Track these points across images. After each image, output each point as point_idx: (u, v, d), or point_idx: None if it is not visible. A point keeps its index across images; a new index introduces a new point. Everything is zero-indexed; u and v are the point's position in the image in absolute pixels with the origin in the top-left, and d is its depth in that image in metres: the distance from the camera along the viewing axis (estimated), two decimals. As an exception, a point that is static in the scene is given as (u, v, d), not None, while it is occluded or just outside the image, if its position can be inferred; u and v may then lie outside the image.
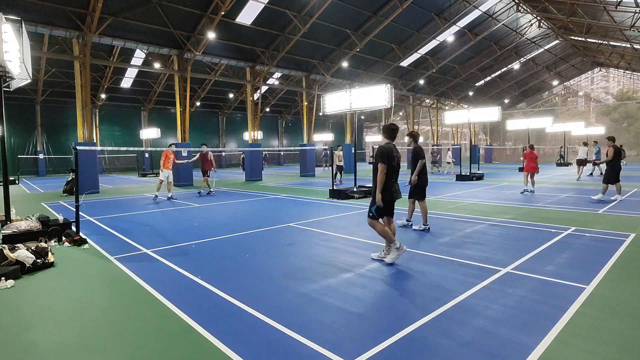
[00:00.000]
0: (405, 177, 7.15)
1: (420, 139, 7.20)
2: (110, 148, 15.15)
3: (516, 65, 31.65)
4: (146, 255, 5.37)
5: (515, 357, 2.61)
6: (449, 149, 24.82)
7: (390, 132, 4.78)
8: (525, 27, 25.59)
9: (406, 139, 7.20)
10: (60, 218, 6.74)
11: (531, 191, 11.64)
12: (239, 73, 23.54)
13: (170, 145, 12.19)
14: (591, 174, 18.58)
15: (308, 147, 21.17)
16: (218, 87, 30.07)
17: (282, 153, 40.30)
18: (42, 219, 6.43)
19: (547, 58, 33.16)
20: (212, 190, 13.43)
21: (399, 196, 4.76)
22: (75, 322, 3.31)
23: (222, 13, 15.21)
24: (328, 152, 29.94)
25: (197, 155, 13.45)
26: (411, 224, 7.04)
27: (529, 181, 11.71)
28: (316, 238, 6.24)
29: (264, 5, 16.54)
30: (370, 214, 4.71)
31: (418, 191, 6.87)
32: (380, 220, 4.76)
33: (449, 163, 22.55)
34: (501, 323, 3.10)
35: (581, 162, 17.17)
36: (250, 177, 19.28)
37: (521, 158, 12.51)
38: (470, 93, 34.33)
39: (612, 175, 9.74)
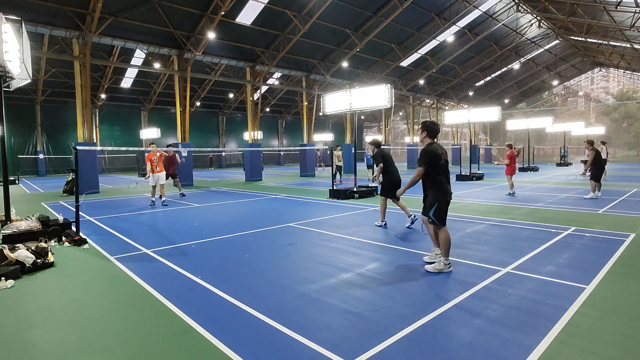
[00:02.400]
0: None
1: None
2: (110, 148, 15.15)
3: (516, 65, 31.65)
4: (146, 255, 5.37)
5: (515, 357, 2.61)
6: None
7: (432, 130, 4.51)
8: (525, 27, 25.59)
9: (368, 146, 7.57)
10: (60, 218, 6.74)
11: (512, 193, 11.31)
12: (239, 73, 23.54)
13: (151, 144, 10.88)
14: (583, 173, 18.63)
15: (308, 147, 21.18)
16: (218, 87, 30.07)
17: (282, 153, 40.30)
18: (42, 219, 6.43)
19: (547, 58, 33.15)
20: (181, 192, 12.77)
21: (450, 198, 4.47)
22: (75, 322, 3.31)
23: (222, 13, 15.21)
24: (319, 152, 30.44)
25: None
26: (385, 224, 7.03)
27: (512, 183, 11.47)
28: (316, 238, 6.24)
29: (264, 5, 16.54)
30: (431, 221, 4.43)
31: (389, 190, 6.82)
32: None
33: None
34: (501, 323, 3.10)
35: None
36: (250, 177, 19.29)
37: (506, 161, 11.55)
38: (470, 93, 34.33)
39: (598, 174, 10.43)
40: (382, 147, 7.38)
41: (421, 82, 28.76)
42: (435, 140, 4.54)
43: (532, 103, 46.62)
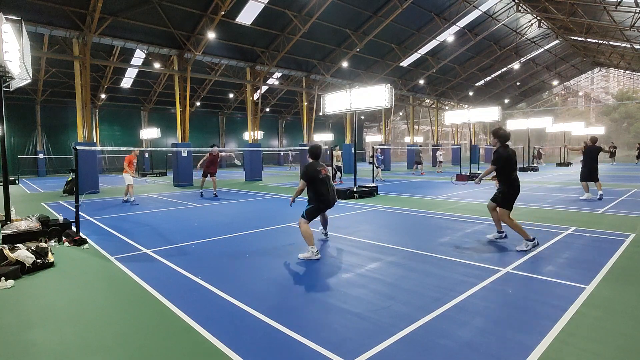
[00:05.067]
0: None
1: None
2: (110, 148, 15.14)
3: (516, 65, 31.66)
4: (146, 255, 5.37)
5: (515, 357, 2.61)
6: (439, 148, 25.54)
7: (313, 154, 5.46)
8: (525, 27, 25.60)
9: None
10: (60, 218, 6.74)
11: None
12: (239, 73, 23.54)
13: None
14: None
15: (308, 147, 21.15)
16: (218, 87, 30.07)
17: (282, 153, 40.30)
18: (42, 219, 6.43)
19: (547, 58, 33.16)
20: (202, 191, 12.96)
21: (329, 205, 5.38)
22: (75, 322, 3.31)
23: (222, 13, 15.21)
24: (287, 153, 32.22)
25: (207, 156, 12.54)
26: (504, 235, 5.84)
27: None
28: (316, 238, 6.23)
29: (264, 5, 16.54)
30: (302, 214, 5.27)
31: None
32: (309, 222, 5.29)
33: (440, 162, 23.86)
34: (501, 323, 3.10)
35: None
36: (250, 177, 19.28)
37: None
38: (470, 93, 34.33)
39: (584, 173, 10.03)
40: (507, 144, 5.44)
41: (421, 82, 28.76)
42: (316, 159, 5.40)
43: (532, 103, 46.62)
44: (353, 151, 13.09)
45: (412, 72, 27.67)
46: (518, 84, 37.34)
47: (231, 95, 32.63)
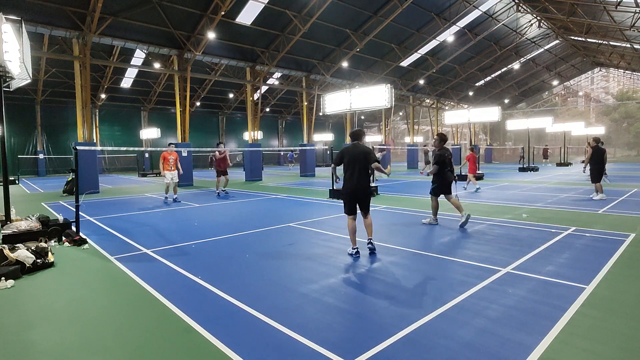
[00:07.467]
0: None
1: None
2: (110, 148, 15.16)
3: (516, 65, 31.64)
4: (146, 255, 5.37)
5: (515, 357, 2.61)
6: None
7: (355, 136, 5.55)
8: (525, 27, 25.59)
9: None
10: (60, 218, 6.74)
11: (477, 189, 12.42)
12: (239, 73, 23.54)
13: (169, 145, 11.43)
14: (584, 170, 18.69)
15: (308, 147, 21.18)
16: (218, 87, 30.07)
17: (282, 153, 40.30)
18: (42, 219, 6.43)
19: (547, 58, 33.14)
20: (219, 190, 13.09)
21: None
22: (75, 322, 3.31)
23: (222, 13, 15.20)
24: (293, 153, 32.98)
25: (217, 154, 12.56)
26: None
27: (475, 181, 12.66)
28: (316, 238, 6.24)
29: (264, 5, 16.54)
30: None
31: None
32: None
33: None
34: (501, 323, 3.10)
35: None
36: (250, 177, 19.28)
37: (464, 161, 13.01)
38: (470, 93, 34.32)
39: (596, 175, 10.08)
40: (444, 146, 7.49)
41: (421, 82, 28.75)
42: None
43: (532, 103, 46.62)
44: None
45: (412, 72, 27.66)
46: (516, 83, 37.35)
47: (231, 95, 32.63)
